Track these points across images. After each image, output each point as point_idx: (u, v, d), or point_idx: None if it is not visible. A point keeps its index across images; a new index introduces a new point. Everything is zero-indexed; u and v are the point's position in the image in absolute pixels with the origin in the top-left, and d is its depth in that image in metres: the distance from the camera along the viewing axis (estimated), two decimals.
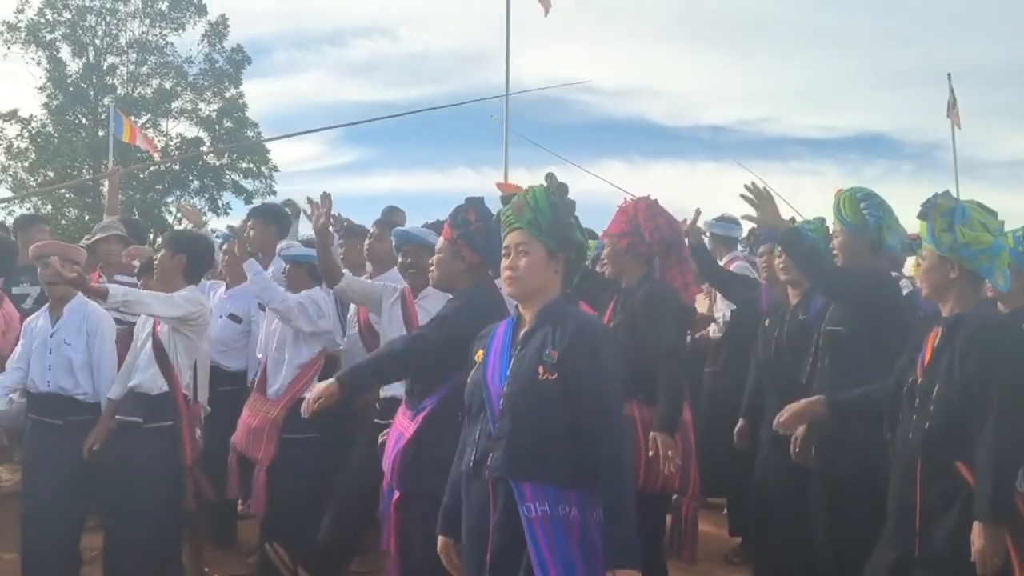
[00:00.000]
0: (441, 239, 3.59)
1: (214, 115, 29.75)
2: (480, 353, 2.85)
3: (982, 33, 50.30)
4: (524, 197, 2.82)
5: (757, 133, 48.67)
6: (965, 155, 33.91)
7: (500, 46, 10.74)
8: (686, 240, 4.57)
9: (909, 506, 2.99)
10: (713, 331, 5.92)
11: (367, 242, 5.42)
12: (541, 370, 2.63)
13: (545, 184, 2.85)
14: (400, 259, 4.52)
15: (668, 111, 59.23)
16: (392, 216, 6.88)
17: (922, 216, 3.10)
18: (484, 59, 47.15)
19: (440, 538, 2.93)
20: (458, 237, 3.52)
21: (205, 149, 29.25)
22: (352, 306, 5.12)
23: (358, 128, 49.14)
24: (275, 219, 5.63)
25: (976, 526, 2.77)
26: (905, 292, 4.58)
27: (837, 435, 3.61)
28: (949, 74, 16.36)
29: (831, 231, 4.10)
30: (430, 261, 3.70)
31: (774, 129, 54.02)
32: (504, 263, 2.81)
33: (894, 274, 4.71)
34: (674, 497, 4.17)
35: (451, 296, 3.62)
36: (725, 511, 5.96)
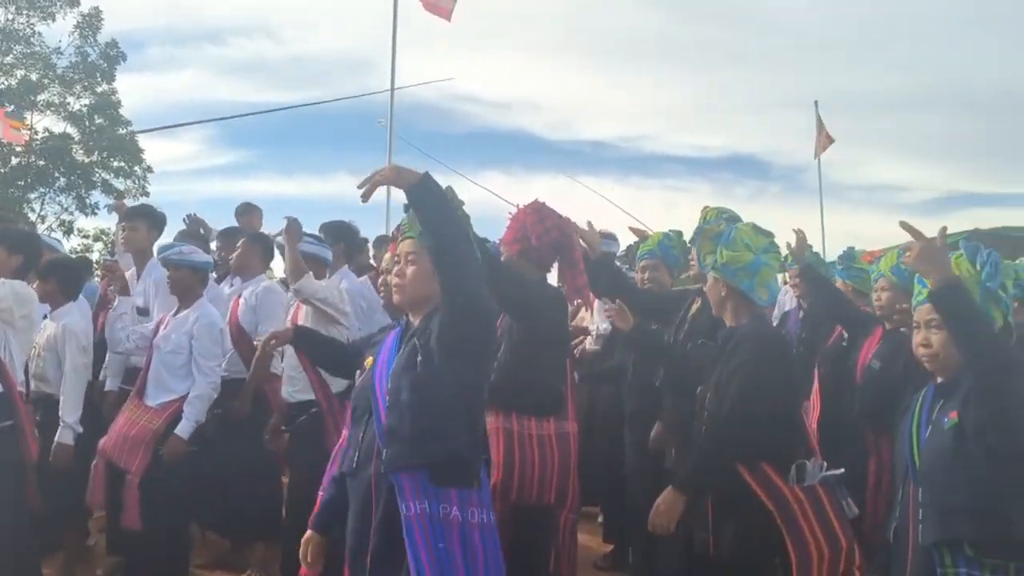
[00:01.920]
0: (388, 255, 3.54)
1: (84, 110, 28.47)
2: (370, 360, 2.88)
3: (846, 63, 53.17)
4: None
5: (636, 150, 50.17)
6: (828, 178, 35.75)
7: (385, 51, 10.69)
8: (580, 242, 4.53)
9: (701, 509, 3.20)
10: (590, 343, 6.00)
11: (235, 254, 5.47)
12: (419, 359, 2.68)
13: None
14: None
15: (550, 124, 60.27)
16: (248, 215, 6.76)
17: (691, 242, 3.37)
18: (368, 64, 46.88)
19: (309, 531, 2.94)
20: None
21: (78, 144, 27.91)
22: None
23: (236, 129, 48.06)
24: (158, 223, 5.42)
25: (666, 491, 3.08)
26: None
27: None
28: (816, 102, 17.11)
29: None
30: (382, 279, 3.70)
31: (652, 146, 55.74)
32: (393, 271, 2.85)
33: None
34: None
35: None
36: (600, 519, 6.04)
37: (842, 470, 3.18)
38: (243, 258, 5.39)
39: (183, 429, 4.35)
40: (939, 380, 2.82)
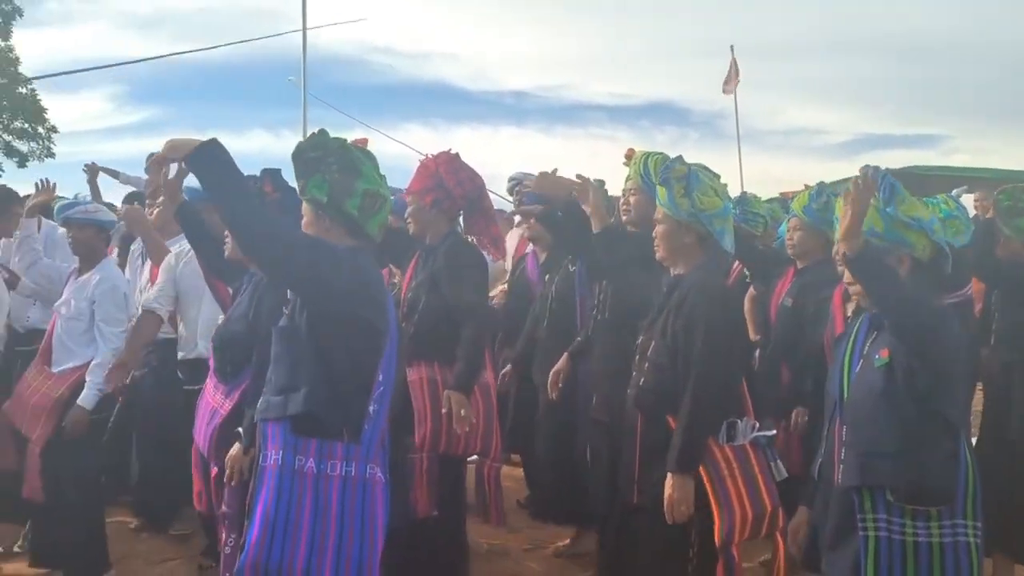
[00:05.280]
0: None
1: None
2: None
3: (763, 10, 53.75)
4: None
5: (557, 99, 50.27)
6: (746, 124, 36.26)
7: (295, 2, 10.32)
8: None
9: (629, 457, 3.19)
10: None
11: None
12: (285, 310, 2.77)
13: None
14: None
15: (470, 75, 59.97)
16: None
17: (663, 183, 3.22)
18: (278, 15, 45.58)
19: None
20: None
21: None
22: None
23: (146, 87, 46.38)
24: None
25: (668, 476, 2.95)
26: None
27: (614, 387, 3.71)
28: (732, 46, 17.16)
29: (627, 188, 4.20)
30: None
31: (573, 95, 55.86)
32: None
33: None
34: (475, 459, 4.18)
35: None
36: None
37: (774, 432, 3.15)
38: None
39: (86, 399, 4.13)
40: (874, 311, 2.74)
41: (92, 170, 6.64)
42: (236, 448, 3.24)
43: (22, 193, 5.47)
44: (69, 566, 4.26)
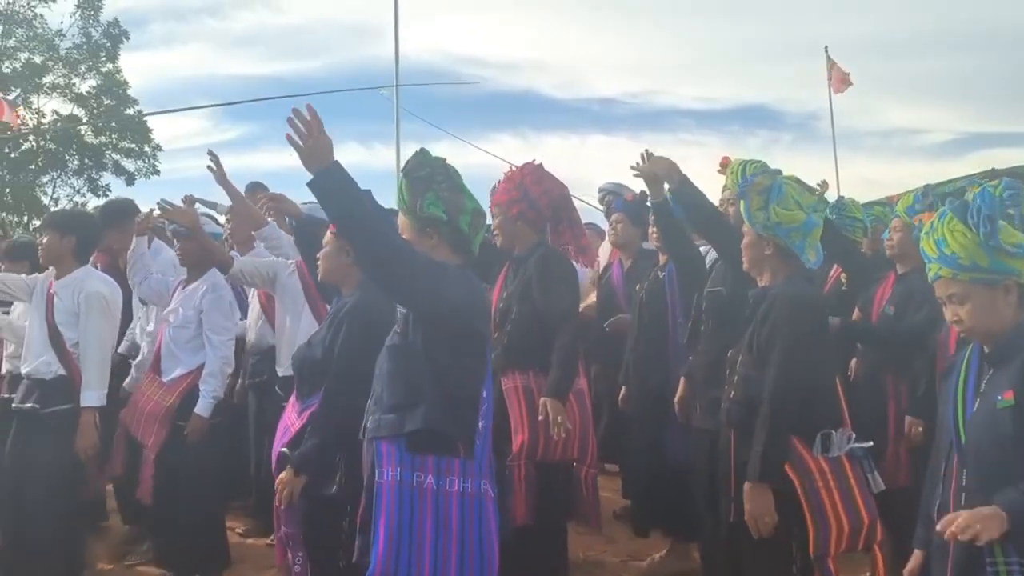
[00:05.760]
0: (328, 234, 3.50)
1: (92, 91, 28.42)
2: None
3: (856, 8, 52.27)
4: None
5: (646, 104, 49.83)
6: (841, 125, 35.23)
7: (387, 17, 10.54)
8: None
9: (725, 474, 3.14)
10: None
11: (229, 224, 5.49)
12: (397, 328, 2.76)
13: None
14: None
15: (558, 84, 59.95)
16: (255, 194, 6.79)
17: (741, 196, 3.18)
18: (371, 30, 46.44)
19: None
20: None
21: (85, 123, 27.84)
22: None
23: (241, 104, 47.55)
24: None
25: (746, 487, 2.89)
26: None
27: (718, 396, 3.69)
28: (826, 47, 16.88)
29: (725, 198, 4.14)
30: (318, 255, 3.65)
31: (661, 101, 55.21)
32: None
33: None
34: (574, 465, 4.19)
35: None
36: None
37: (870, 443, 3.05)
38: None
39: (202, 408, 4.29)
40: (985, 349, 2.51)
41: (189, 202, 6.93)
42: (287, 472, 3.22)
43: None
44: (188, 566, 4.43)
